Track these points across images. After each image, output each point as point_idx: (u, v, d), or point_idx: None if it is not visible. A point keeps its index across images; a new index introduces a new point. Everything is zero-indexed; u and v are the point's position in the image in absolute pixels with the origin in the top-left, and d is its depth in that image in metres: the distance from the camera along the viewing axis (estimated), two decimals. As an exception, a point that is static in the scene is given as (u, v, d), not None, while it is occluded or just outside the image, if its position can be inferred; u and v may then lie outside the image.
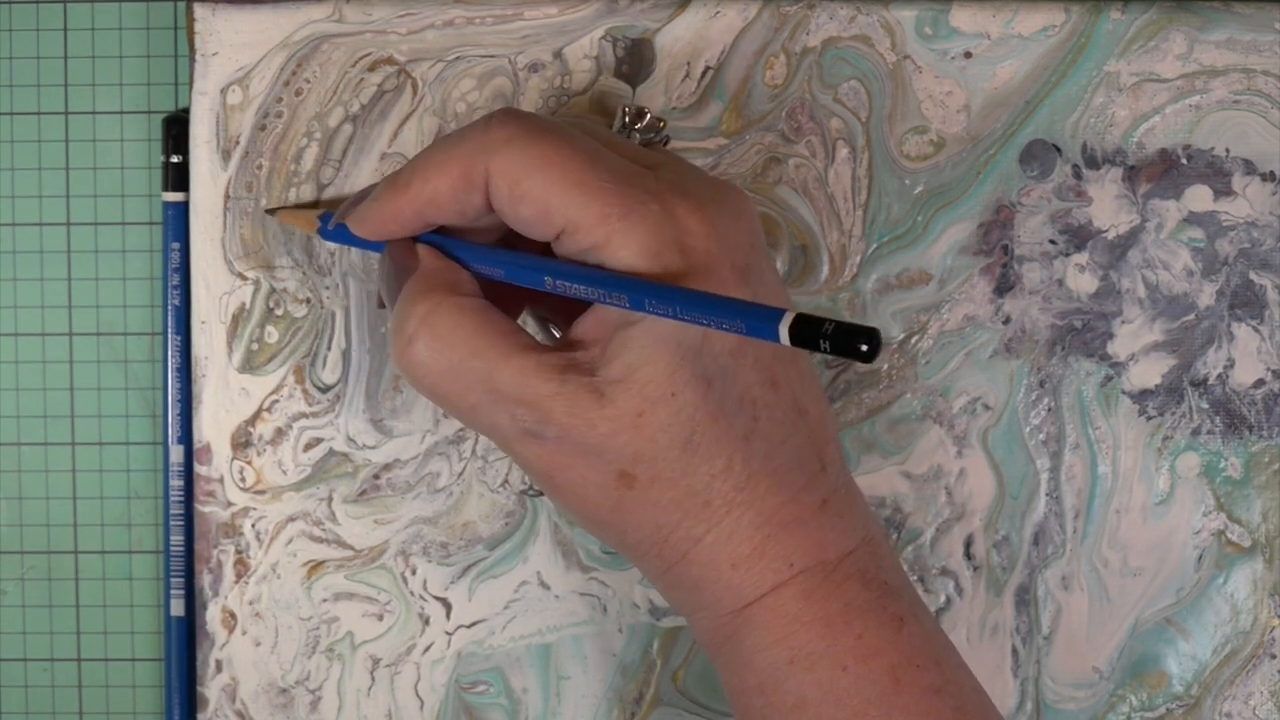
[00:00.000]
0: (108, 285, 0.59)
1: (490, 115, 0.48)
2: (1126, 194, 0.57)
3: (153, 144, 0.59)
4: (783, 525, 0.48)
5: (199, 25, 0.56)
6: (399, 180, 0.49)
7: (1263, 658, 0.58)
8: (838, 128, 0.57)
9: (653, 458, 0.47)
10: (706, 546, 0.48)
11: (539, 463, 0.48)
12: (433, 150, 0.49)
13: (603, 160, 0.47)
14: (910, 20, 0.57)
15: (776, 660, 0.48)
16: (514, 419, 0.47)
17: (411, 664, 0.58)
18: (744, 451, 0.47)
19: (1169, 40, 0.57)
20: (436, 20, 0.56)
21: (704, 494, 0.47)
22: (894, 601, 0.48)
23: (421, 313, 0.48)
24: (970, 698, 0.49)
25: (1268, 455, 0.58)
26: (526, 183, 0.47)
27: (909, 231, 0.57)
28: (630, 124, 0.52)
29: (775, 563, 0.48)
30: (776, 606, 0.48)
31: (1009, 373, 0.57)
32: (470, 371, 0.47)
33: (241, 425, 0.57)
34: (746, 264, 0.48)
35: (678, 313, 0.45)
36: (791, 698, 0.48)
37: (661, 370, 0.46)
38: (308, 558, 0.57)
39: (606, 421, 0.47)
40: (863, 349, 0.41)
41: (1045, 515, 0.58)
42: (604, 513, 0.48)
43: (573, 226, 0.47)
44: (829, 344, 0.42)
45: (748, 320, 0.44)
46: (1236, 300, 0.57)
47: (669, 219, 0.46)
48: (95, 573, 0.60)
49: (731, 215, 0.48)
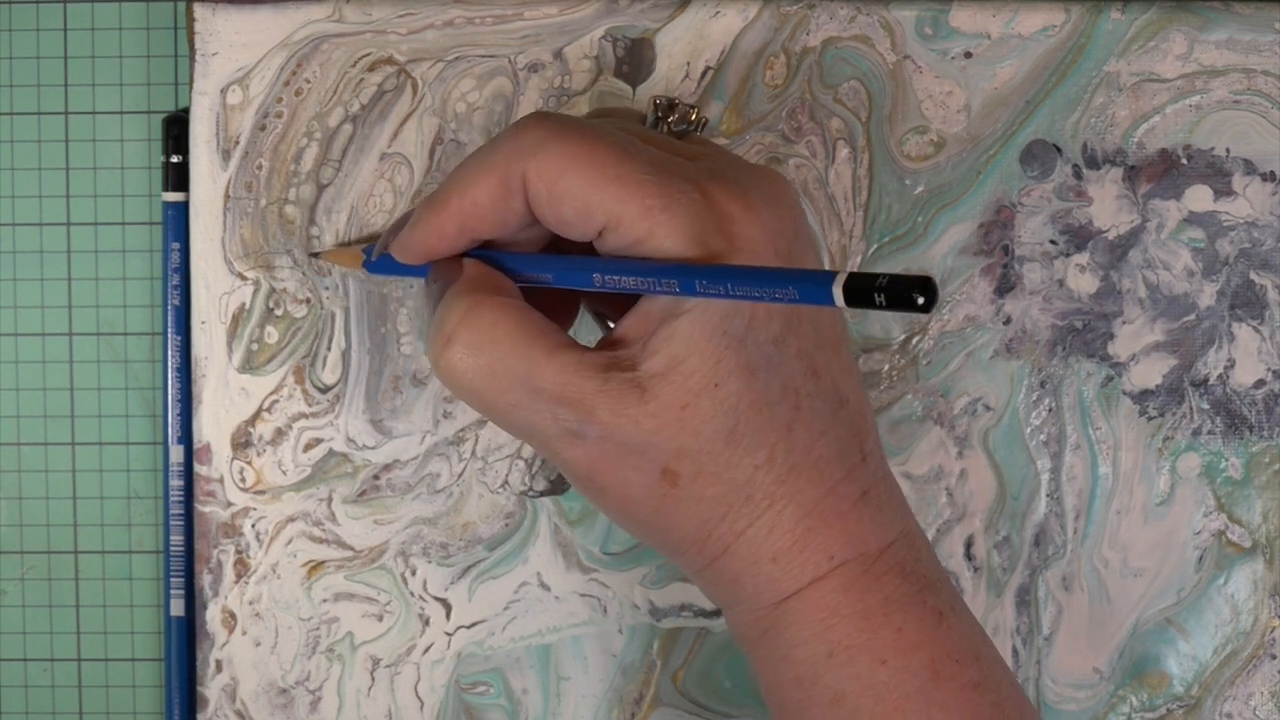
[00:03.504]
0: (108, 285, 0.59)
1: (520, 120, 0.48)
2: (1127, 194, 0.57)
3: (153, 144, 0.59)
4: (823, 518, 0.47)
5: (199, 25, 0.56)
6: (436, 199, 0.49)
7: (1263, 658, 0.58)
8: (838, 128, 0.57)
9: (696, 451, 0.47)
10: (748, 540, 0.48)
11: (581, 464, 0.47)
12: (466, 163, 0.48)
13: (639, 153, 0.47)
14: (910, 20, 0.57)
15: (815, 654, 0.48)
16: (555, 419, 0.47)
17: (411, 664, 0.58)
18: (786, 442, 0.47)
19: (1169, 40, 0.57)
20: (436, 20, 0.56)
21: (746, 487, 0.47)
22: (933, 595, 0.48)
23: (461, 310, 0.47)
24: (1009, 694, 0.49)
25: (1268, 455, 0.58)
26: (564, 181, 0.46)
27: (909, 232, 0.57)
28: (663, 117, 0.52)
29: (815, 555, 0.47)
30: (815, 599, 0.48)
31: (1010, 373, 0.57)
32: (510, 370, 0.47)
33: (241, 425, 0.57)
34: (789, 250, 0.47)
35: (729, 290, 0.44)
36: (830, 691, 0.48)
37: (706, 361, 0.46)
38: (308, 558, 0.57)
39: (650, 418, 0.46)
40: (919, 300, 0.40)
41: (1046, 516, 0.58)
42: (648, 512, 0.48)
43: (615, 221, 0.46)
44: (884, 297, 0.41)
45: (800, 286, 0.43)
46: (1237, 300, 0.57)
47: (710, 206, 0.46)
48: (95, 573, 0.60)
49: (772, 200, 0.48)
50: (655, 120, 0.52)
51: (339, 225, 0.57)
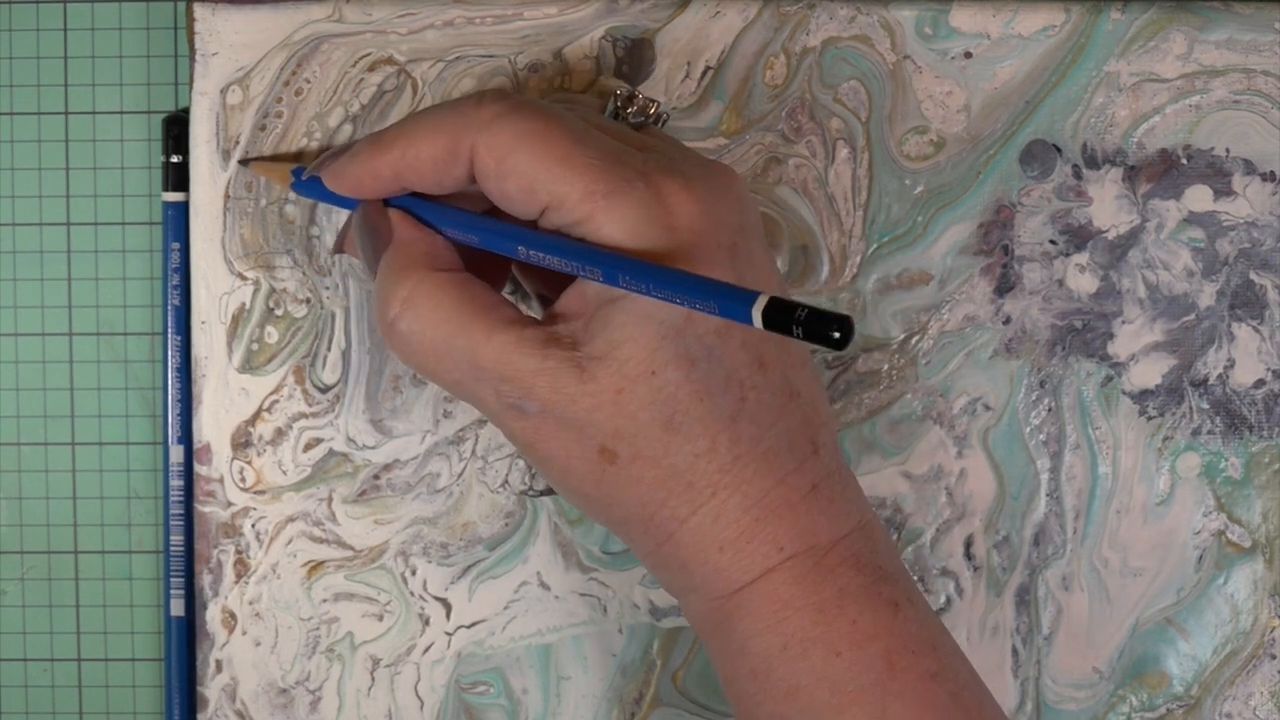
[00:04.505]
0: (108, 285, 0.59)
1: (482, 92, 0.48)
2: (1127, 194, 0.57)
3: (153, 144, 0.59)
4: (772, 509, 0.47)
5: (199, 25, 0.56)
6: (381, 141, 0.49)
7: (1263, 658, 0.58)
8: (838, 128, 0.57)
9: (633, 435, 0.47)
10: (692, 528, 0.48)
11: (523, 435, 0.48)
12: (420, 117, 0.49)
13: (590, 139, 0.47)
14: (910, 20, 0.57)
15: (769, 646, 0.48)
16: (498, 394, 0.48)
17: (411, 664, 0.58)
18: (730, 433, 0.47)
19: (1169, 40, 0.57)
20: (436, 20, 0.56)
21: (687, 474, 0.47)
22: (889, 587, 0.48)
23: (403, 293, 0.48)
24: (967, 684, 0.49)
25: (1268, 455, 0.58)
26: (513, 158, 0.47)
27: (909, 232, 0.57)
28: (621, 108, 0.52)
29: (764, 547, 0.47)
30: (767, 592, 0.48)
31: (1009, 373, 0.57)
32: (454, 349, 0.48)
33: (241, 425, 0.57)
34: (734, 244, 0.47)
35: (651, 289, 0.45)
36: (785, 684, 0.48)
37: (642, 348, 0.46)
38: (308, 558, 0.57)
39: (587, 397, 0.47)
40: (834, 336, 0.41)
41: (1045, 515, 0.58)
42: (588, 486, 0.48)
43: (557, 202, 0.47)
44: (801, 329, 0.42)
45: (721, 301, 0.43)
46: (1237, 300, 0.57)
47: (655, 198, 0.46)
48: (95, 573, 0.60)
49: (720, 195, 0.48)
50: (615, 110, 0.52)
51: (339, 225, 0.57)
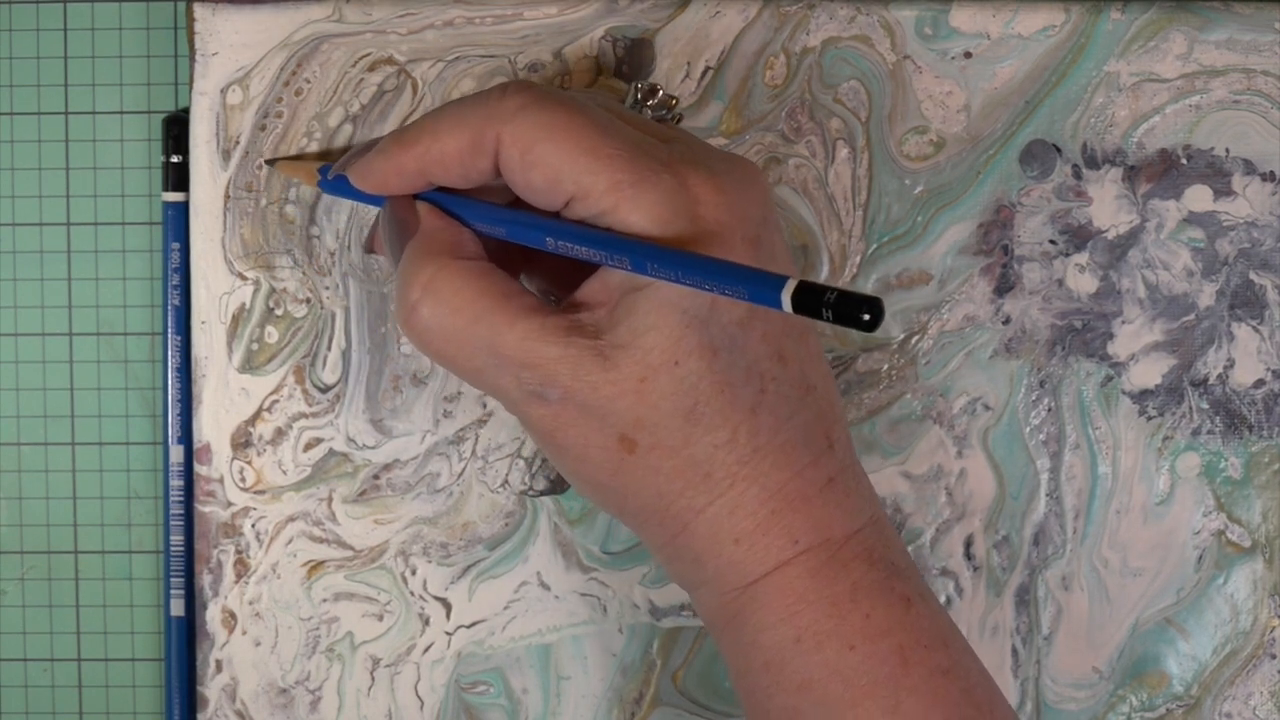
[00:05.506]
0: (108, 285, 0.59)
1: (505, 84, 0.48)
2: (1126, 194, 0.57)
3: (153, 144, 0.59)
4: (788, 501, 0.48)
5: (199, 25, 0.56)
6: (406, 137, 0.49)
7: (1263, 658, 0.58)
8: (838, 128, 0.57)
9: (654, 424, 0.47)
10: (708, 519, 0.48)
11: (543, 423, 0.48)
12: (445, 110, 0.49)
13: (615, 130, 0.47)
14: (910, 20, 0.57)
15: (783, 639, 0.48)
16: (519, 382, 0.47)
17: (411, 664, 0.58)
18: (750, 424, 0.47)
19: (1169, 40, 0.57)
20: (436, 20, 0.56)
21: (706, 465, 0.47)
22: (901, 582, 0.48)
23: (425, 279, 0.48)
24: (977, 681, 0.49)
25: (1268, 455, 0.58)
26: (538, 149, 0.47)
27: (909, 231, 0.57)
28: (642, 100, 0.52)
29: (780, 539, 0.48)
30: (782, 584, 0.48)
31: (1009, 373, 0.57)
32: (475, 336, 0.47)
33: (241, 425, 0.57)
34: (758, 236, 0.48)
35: (681, 276, 0.45)
36: (798, 677, 0.48)
37: (666, 337, 0.46)
38: (308, 558, 0.57)
39: (609, 385, 0.47)
40: (864, 318, 0.41)
41: (1045, 515, 0.58)
42: (605, 475, 0.48)
43: (583, 193, 0.47)
44: (831, 312, 0.42)
45: (751, 286, 0.43)
46: (1236, 300, 0.57)
47: (681, 188, 0.46)
48: (95, 573, 0.60)
49: (744, 187, 0.48)
50: (635, 103, 0.53)
51: (339, 225, 0.57)
